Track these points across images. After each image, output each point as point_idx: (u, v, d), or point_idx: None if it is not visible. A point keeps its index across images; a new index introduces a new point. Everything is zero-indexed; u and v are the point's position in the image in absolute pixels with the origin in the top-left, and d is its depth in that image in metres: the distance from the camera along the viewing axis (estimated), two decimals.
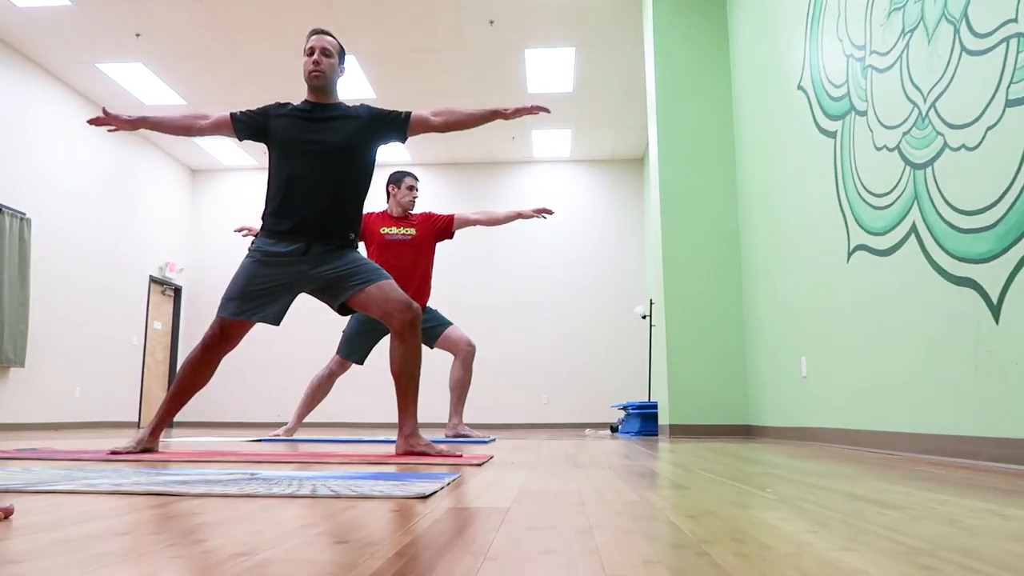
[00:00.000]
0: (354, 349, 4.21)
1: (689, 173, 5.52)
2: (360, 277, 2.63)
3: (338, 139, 2.68)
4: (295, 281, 2.63)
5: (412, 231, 4.35)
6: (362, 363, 4.24)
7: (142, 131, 9.17)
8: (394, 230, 4.33)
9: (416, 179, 4.44)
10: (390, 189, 4.41)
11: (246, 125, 2.71)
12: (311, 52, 2.71)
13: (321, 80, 2.71)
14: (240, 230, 3.67)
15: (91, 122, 2.66)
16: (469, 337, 4.41)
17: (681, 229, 5.44)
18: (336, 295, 2.65)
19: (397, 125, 2.78)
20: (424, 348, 4.39)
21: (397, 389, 2.61)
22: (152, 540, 0.87)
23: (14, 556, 0.77)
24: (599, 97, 8.20)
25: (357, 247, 2.76)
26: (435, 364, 9.20)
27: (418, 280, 4.31)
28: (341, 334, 4.28)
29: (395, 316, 2.60)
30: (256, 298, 2.58)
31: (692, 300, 5.30)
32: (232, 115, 2.73)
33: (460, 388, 4.33)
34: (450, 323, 4.36)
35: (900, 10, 2.95)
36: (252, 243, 2.65)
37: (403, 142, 2.84)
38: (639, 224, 9.97)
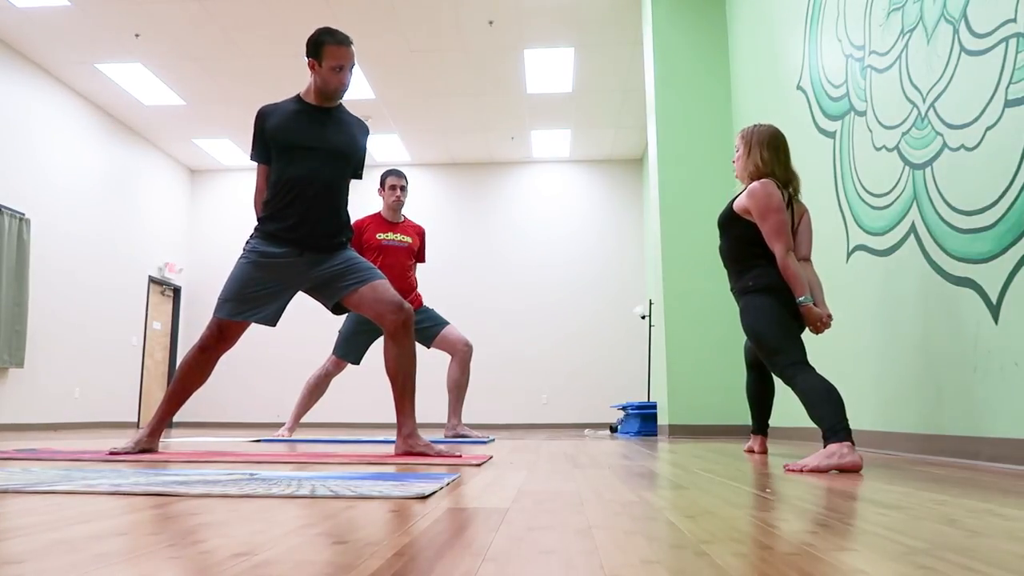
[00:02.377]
0: (350, 349, 4.21)
1: (688, 173, 5.52)
2: (354, 277, 2.63)
3: (340, 140, 2.68)
4: (290, 282, 2.63)
5: (408, 239, 4.37)
6: (358, 363, 4.25)
7: (140, 130, 9.18)
8: (390, 235, 4.33)
9: (400, 177, 4.41)
10: (378, 191, 4.44)
11: (263, 153, 2.68)
12: (341, 69, 2.61)
13: (343, 95, 2.71)
14: None
15: None
16: (466, 337, 4.42)
17: (680, 229, 5.44)
18: (330, 295, 2.66)
19: (356, 173, 2.80)
20: (421, 348, 4.39)
21: (393, 390, 2.62)
22: (151, 540, 0.87)
23: (14, 556, 0.77)
24: (598, 97, 8.20)
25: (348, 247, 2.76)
26: (433, 364, 9.20)
27: (411, 284, 4.34)
28: (337, 334, 4.28)
29: (387, 317, 2.60)
30: (253, 299, 2.58)
31: (692, 300, 5.30)
32: (257, 161, 2.70)
33: (458, 389, 4.33)
34: (447, 323, 4.36)
35: (899, 10, 2.96)
36: (247, 243, 2.64)
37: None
38: (638, 224, 9.97)
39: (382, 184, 4.40)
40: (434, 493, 1.38)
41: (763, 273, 2.48)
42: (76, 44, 7.05)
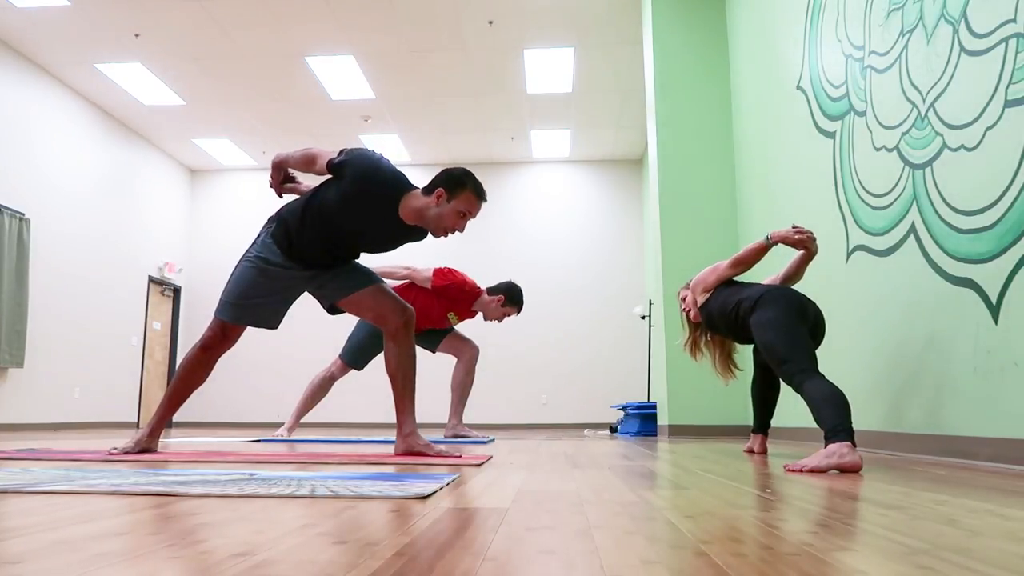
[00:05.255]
0: (359, 357, 4.21)
1: (688, 173, 5.52)
2: (354, 280, 2.64)
3: (392, 245, 2.61)
4: (293, 290, 2.63)
5: (455, 320, 4.32)
6: (362, 369, 4.27)
7: (140, 130, 9.18)
8: (455, 320, 4.28)
9: (519, 313, 4.37)
10: (499, 297, 4.26)
11: (337, 173, 2.49)
12: (464, 217, 2.46)
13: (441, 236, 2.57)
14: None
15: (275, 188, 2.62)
16: (472, 340, 4.42)
17: (680, 229, 5.43)
18: (330, 296, 2.66)
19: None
20: (425, 351, 4.40)
21: (394, 389, 2.62)
22: (151, 540, 0.87)
23: (13, 556, 0.77)
24: (598, 97, 8.20)
25: None
26: (434, 365, 9.19)
27: (431, 325, 4.31)
28: (347, 339, 4.27)
29: (389, 318, 2.60)
30: (257, 306, 2.58)
31: None
32: (329, 163, 2.47)
33: (461, 389, 4.34)
34: (452, 328, 4.38)
35: (899, 10, 2.96)
36: (257, 240, 2.60)
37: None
38: (638, 224, 9.97)
39: (507, 299, 4.25)
40: (434, 493, 1.38)
41: (746, 296, 2.60)
42: (76, 44, 7.05)
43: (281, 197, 2.64)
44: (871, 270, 3.21)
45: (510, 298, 4.28)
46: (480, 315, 4.35)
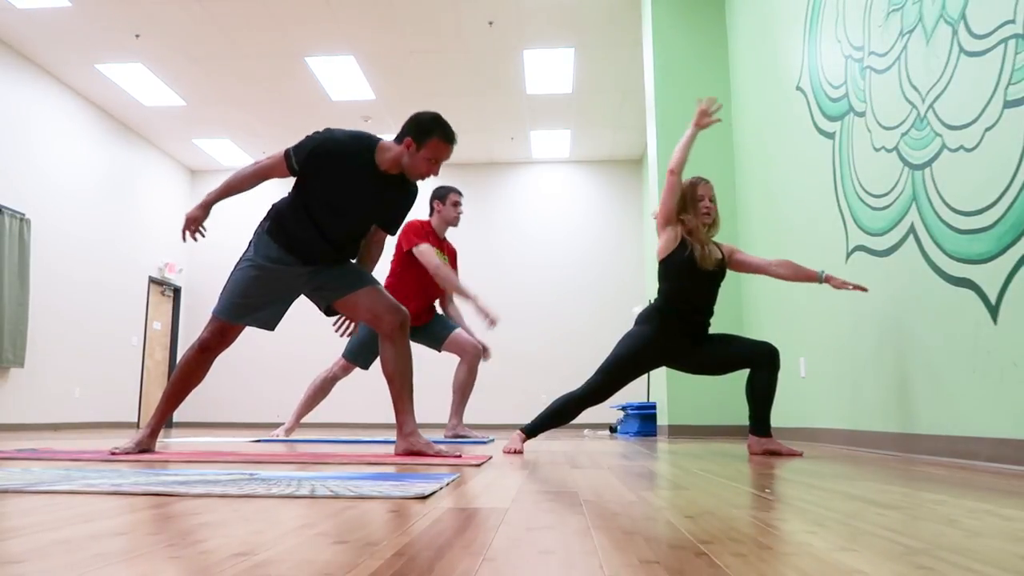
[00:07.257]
0: (361, 355, 4.18)
1: (688, 174, 5.51)
2: (350, 281, 2.65)
3: (387, 213, 2.64)
4: (291, 289, 2.64)
5: (446, 259, 4.30)
6: (367, 368, 4.24)
7: (140, 131, 9.18)
8: (445, 260, 4.25)
9: (460, 194, 4.35)
10: (435, 205, 4.31)
11: (300, 173, 2.52)
12: (436, 162, 2.51)
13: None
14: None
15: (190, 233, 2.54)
16: (476, 340, 4.40)
17: None
18: (326, 297, 2.67)
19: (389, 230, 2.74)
20: (422, 349, 4.40)
21: (392, 390, 2.63)
22: (151, 540, 0.88)
23: (14, 556, 0.77)
24: (598, 98, 8.20)
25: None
26: (434, 365, 9.20)
27: (430, 298, 4.31)
28: (349, 339, 4.25)
29: (385, 318, 2.61)
30: (256, 307, 2.59)
31: None
32: (287, 153, 2.50)
33: (463, 390, 4.33)
34: (456, 326, 4.36)
35: (898, 11, 2.96)
36: (251, 246, 2.62)
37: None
38: (638, 225, 9.98)
39: (443, 199, 4.29)
40: (434, 493, 1.38)
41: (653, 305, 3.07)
42: (76, 44, 7.05)
43: (195, 240, 2.63)
44: (871, 270, 3.22)
45: (439, 196, 4.31)
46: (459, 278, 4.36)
